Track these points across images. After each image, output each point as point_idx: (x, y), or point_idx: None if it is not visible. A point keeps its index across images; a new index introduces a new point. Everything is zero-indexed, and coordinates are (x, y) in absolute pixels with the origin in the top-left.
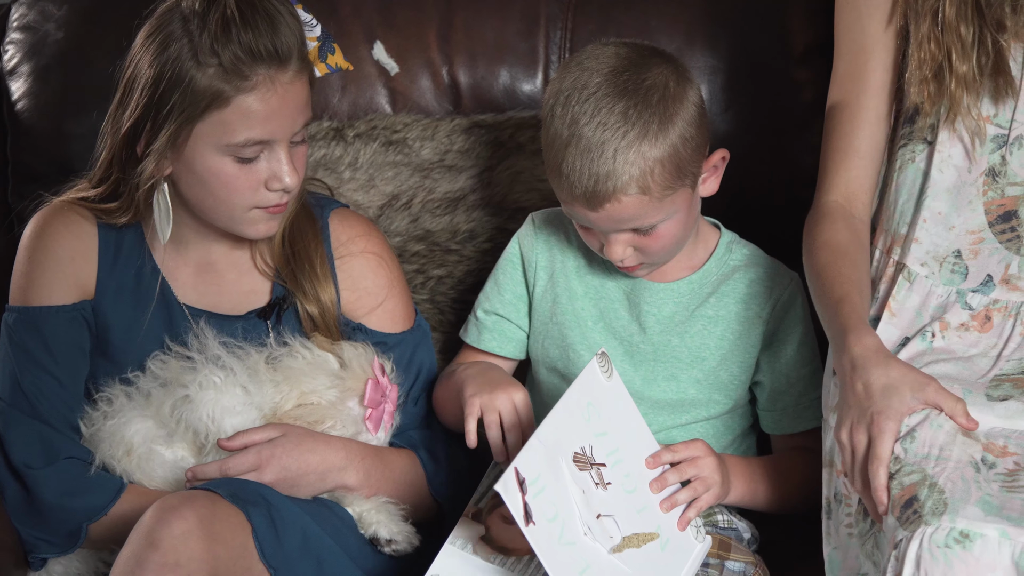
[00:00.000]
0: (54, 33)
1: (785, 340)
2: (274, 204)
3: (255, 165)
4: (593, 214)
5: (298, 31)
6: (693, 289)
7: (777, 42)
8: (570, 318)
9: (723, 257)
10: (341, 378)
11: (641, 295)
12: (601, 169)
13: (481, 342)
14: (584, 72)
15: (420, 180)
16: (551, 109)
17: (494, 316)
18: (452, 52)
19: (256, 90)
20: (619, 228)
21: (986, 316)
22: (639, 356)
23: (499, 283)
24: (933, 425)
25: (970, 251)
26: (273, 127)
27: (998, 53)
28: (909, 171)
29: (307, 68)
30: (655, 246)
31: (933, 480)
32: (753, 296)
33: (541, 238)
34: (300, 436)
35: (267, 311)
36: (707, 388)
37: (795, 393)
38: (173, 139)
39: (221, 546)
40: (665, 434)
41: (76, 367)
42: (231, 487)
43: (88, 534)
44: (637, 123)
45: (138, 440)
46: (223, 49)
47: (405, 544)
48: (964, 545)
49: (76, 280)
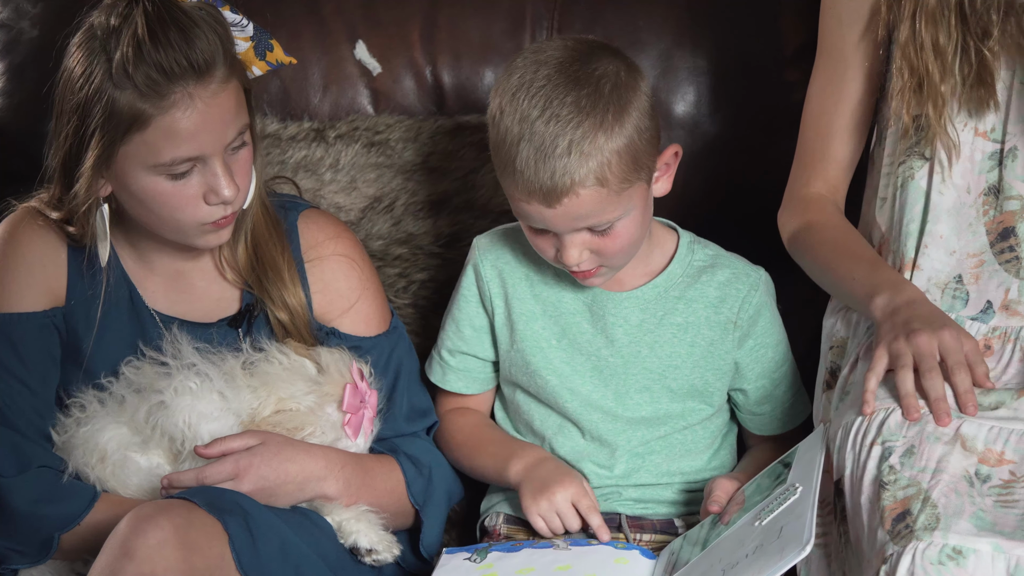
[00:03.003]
0: (29, 31)
1: (764, 342)
2: (218, 218)
3: (189, 180)
4: (550, 211)
5: (219, 38)
6: (659, 294)
7: (767, 42)
8: (529, 344)
9: (686, 258)
10: (319, 383)
11: (604, 306)
12: (557, 164)
13: (447, 383)
14: (531, 66)
15: (403, 182)
16: (499, 107)
17: (459, 355)
18: (436, 52)
19: (176, 107)
20: (576, 227)
21: (985, 345)
22: (608, 371)
23: (457, 320)
24: (931, 439)
25: (971, 275)
26: (200, 143)
27: (981, 63)
28: (911, 189)
29: (235, 74)
30: (612, 247)
31: (927, 494)
32: (723, 299)
33: (489, 262)
34: (279, 445)
35: (238, 319)
36: (682, 397)
37: (780, 393)
38: (101, 160)
39: (197, 556)
40: (646, 447)
41: (47, 374)
42: (208, 496)
43: (61, 544)
44: (592, 114)
45: (112, 447)
46: (136, 70)
47: (386, 554)
48: (957, 561)
49: (46, 287)
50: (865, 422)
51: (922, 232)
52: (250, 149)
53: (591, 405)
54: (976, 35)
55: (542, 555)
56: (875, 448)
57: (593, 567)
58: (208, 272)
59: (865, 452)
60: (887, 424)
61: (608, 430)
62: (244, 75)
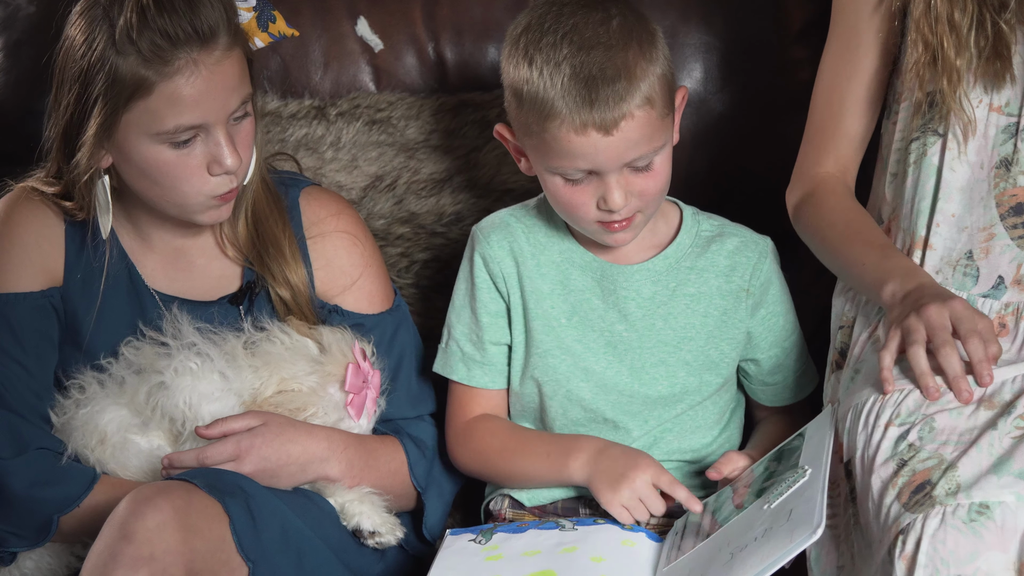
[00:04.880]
0: (26, 7)
1: (775, 310)
2: (223, 192)
3: (193, 150)
4: (605, 141)
5: (223, 5)
6: (670, 266)
7: (773, 19)
8: (541, 323)
9: (692, 229)
10: (321, 363)
11: (615, 281)
12: (612, 88)
13: (472, 379)
14: (548, 13)
15: (405, 160)
16: (527, 59)
17: (485, 346)
18: (438, 28)
19: (180, 74)
20: (625, 159)
21: (1000, 323)
22: (623, 346)
23: (474, 310)
24: (952, 414)
25: (981, 250)
26: (204, 110)
27: (997, 35)
28: (924, 167)
29: (238, 43)
30: (652, 187)
31: (951, 463)
32: (734, 268)
33: (495, 245)
34: (281, 425)
35: (239, 296)
36: (697, 369)
37: (791, 362)
38: (104, 129)
39: (198, 538)
40: (661, 427)
41: (45, 355)
42: (208, 477)
43: (60, 527)
44: (630, 40)
45: (112, 429)
46: (140, 37)
47: (389, 536)
48: (987, 515)
49: (43, 266)
50: (878, 402)
51: (933, 211)
52: (252, 121)
53: (606, 386)
54: (992, 7)
55: (548, 536)
56: (891, 429)
57: (599, 548)
58: (208, 249)
59: (879, 433)
60: (904, 405)
61: (624, 413)
62: (247, 45)
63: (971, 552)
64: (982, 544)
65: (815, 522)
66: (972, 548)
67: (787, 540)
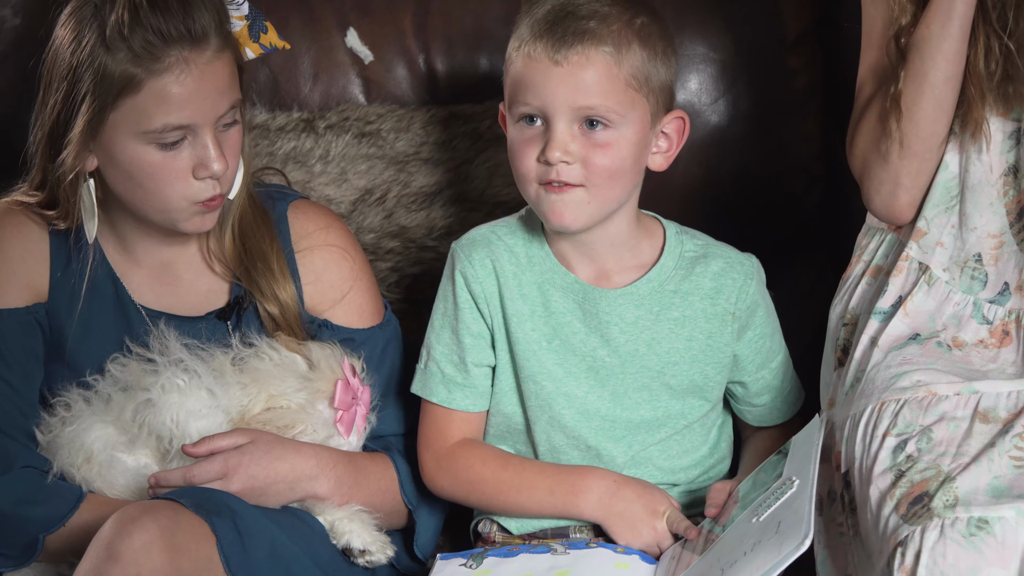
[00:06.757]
0: (11, 19)
1: (762, 332)
2: (206, 197)
3: (179, 152)
4: (554, 69)
5: (216, 9)
6: (654, 289)
7: (769, 27)
8: (522, 346)
9: (676, 249)
10: (309, 380)
11: (597, 304)
12: (581, 23)
13: (453, 401)
14: None
15: (395, 174)
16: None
17: (466, 368)
18: (429, 39)
19: (170, 72)
20: (574, 103)
21: (1004, 331)
22: (605, 371)
23: (455, 330)
24: (950, 426)
25: (991, 256)
26: (192, 111)
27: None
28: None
29: (229, 47)
30: (601, 161)
31: (948, 475)
32: (719, 290)
33: (476, 264)
34: (269, 443)
35: (226, 312)
36: (681, 395)
37: (779, 383)
38: (91, 127)
39: (184, 558)
40: (645, 453)
41: (30, 372)
42: (195, 496)
43: (45, 546)
44: (629, 6)
45: (98, 447)
46: (132, 34)
47: (379, 554)
48: (986, 531)
49: (28, 282)
50: (875, 412)
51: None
52: (240, 129)
53: (588, 412)
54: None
55: (540, 560)
56: (888, 439)
57: (592, 572)
58: (195, 264)
59: (877, 443)
60: (902, 415)
61: (607, 439)
62: (238, 51)
63: (971, 567)
64: (983, 560)
65: (803, 533)
66: (972, 563)
67: (775, 553)
